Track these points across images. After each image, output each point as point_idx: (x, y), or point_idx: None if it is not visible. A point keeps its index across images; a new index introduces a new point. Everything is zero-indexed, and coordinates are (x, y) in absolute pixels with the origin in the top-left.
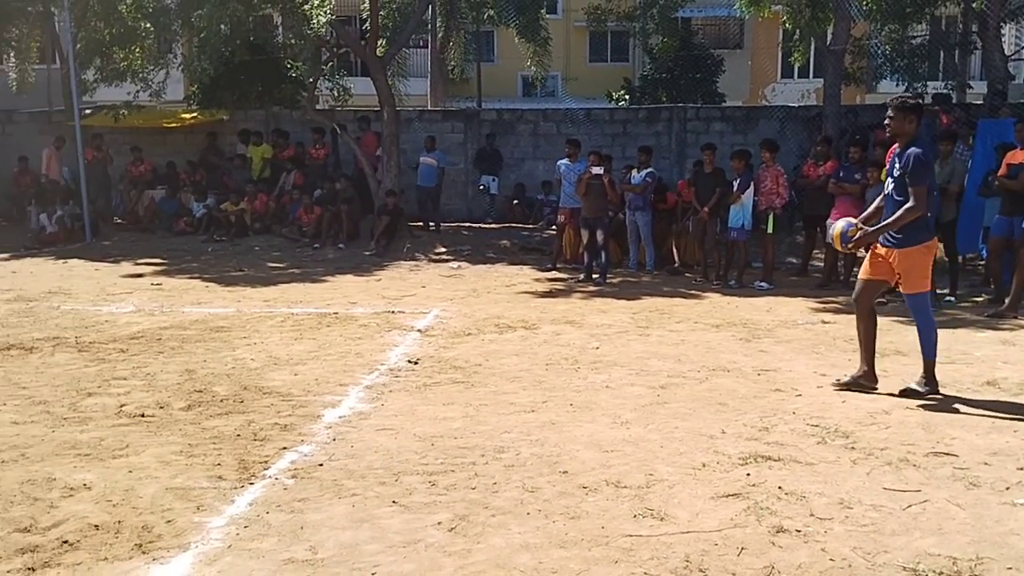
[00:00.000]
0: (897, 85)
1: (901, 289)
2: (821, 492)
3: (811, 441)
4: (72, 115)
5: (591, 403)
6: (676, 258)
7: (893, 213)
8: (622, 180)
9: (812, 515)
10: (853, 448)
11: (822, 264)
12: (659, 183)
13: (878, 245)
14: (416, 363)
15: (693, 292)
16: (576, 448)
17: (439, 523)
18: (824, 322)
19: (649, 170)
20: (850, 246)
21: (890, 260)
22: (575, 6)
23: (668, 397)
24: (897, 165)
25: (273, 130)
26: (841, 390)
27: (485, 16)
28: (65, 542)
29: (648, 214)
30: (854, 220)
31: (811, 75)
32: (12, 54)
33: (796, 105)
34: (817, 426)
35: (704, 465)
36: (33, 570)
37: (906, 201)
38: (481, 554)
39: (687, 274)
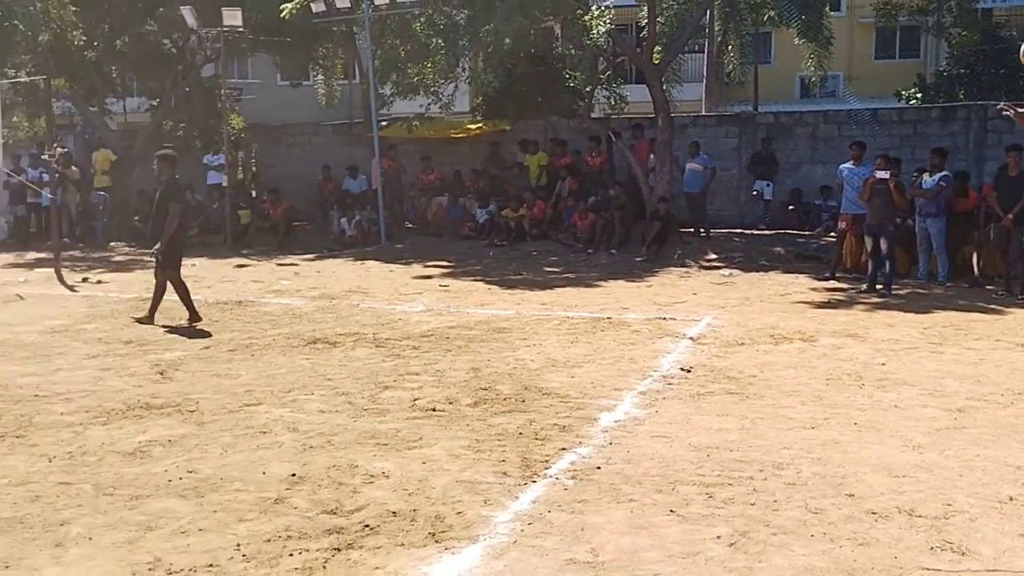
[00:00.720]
0: None
1: None
2: None
3: None
4: (371, 127)
5: (878, 423)
6: (975, 269)
7: None
8: (911, 184)
9: None
10: None
11: None
12: (960, 175)
13: None
14: (689, 371)
15: (994, 307)
16: (863, 470)
17: (718, 537)
18: None
19: (943, 173)
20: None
21: None
22: (860, 2)
23: (967, 421)
24: None
25: (551, 139)
26: None
27: (765, 17)
28: (367, 526)
29: (941, 221)
30: None
31: None
32: (319, 71)
33: None
34: None
35: (1011, 499)
36: (339, 550)
37: None
38: (763, 573)
39: (987, 287)
